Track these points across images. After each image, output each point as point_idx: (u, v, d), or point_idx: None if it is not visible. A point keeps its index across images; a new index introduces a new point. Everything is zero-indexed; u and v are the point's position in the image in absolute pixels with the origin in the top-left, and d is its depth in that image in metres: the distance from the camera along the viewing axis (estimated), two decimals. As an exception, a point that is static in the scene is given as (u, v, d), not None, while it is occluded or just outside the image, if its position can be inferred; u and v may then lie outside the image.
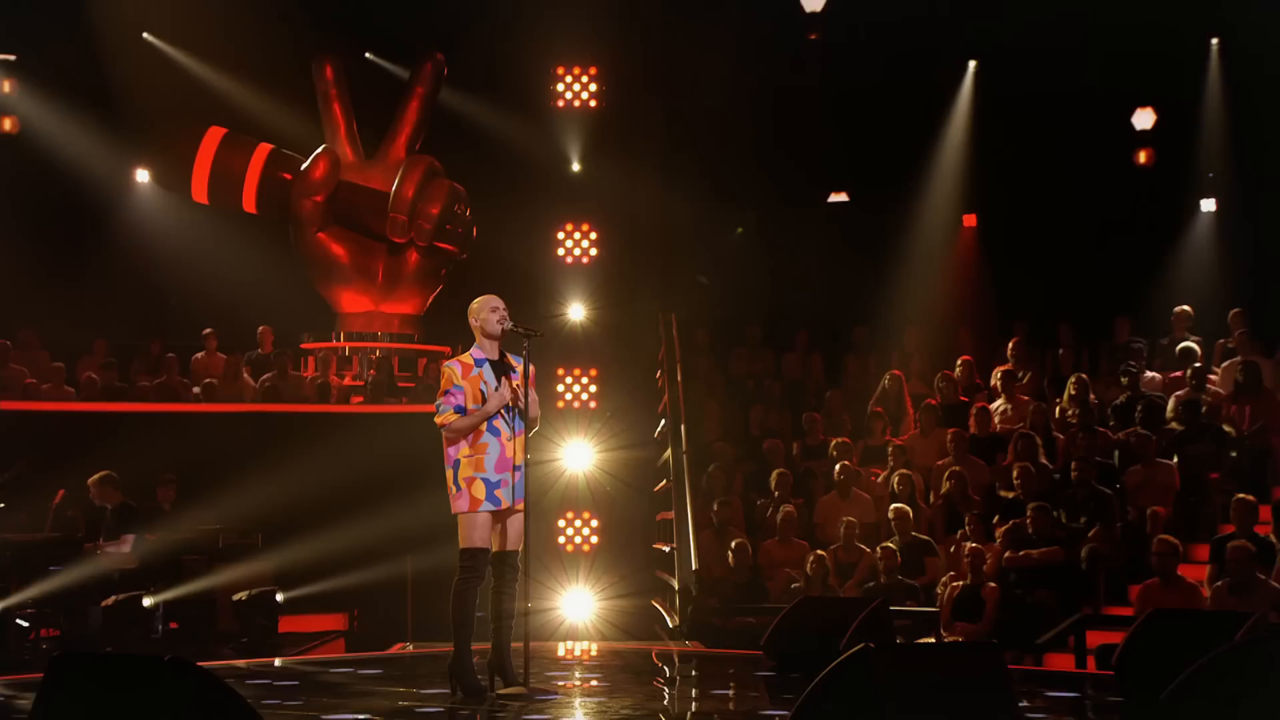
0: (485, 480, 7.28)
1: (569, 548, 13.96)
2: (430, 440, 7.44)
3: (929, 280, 15.74)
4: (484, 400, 7.33)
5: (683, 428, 12.95)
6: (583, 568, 13.73)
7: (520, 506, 7.41)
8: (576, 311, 14.59)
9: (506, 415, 7.37)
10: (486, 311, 7.46)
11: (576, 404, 14.45)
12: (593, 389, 14.56)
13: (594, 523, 14.06)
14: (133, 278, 15.95)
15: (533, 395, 7.50)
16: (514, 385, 7.39)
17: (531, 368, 7.53)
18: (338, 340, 15.99)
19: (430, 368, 15.36)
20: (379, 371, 15.05)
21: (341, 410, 14.17)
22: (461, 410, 7.31)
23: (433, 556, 9.71)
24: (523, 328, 7.46)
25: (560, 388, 14.53)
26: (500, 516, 7.41)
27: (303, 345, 16.12)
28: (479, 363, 7.42)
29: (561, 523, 14.03)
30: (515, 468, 7.35)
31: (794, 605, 8.93)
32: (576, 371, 14.54)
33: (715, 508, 12.33)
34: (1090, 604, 10.59)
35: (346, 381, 15.33)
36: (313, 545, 11.78)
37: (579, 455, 14.14)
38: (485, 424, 7.31)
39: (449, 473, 7.37)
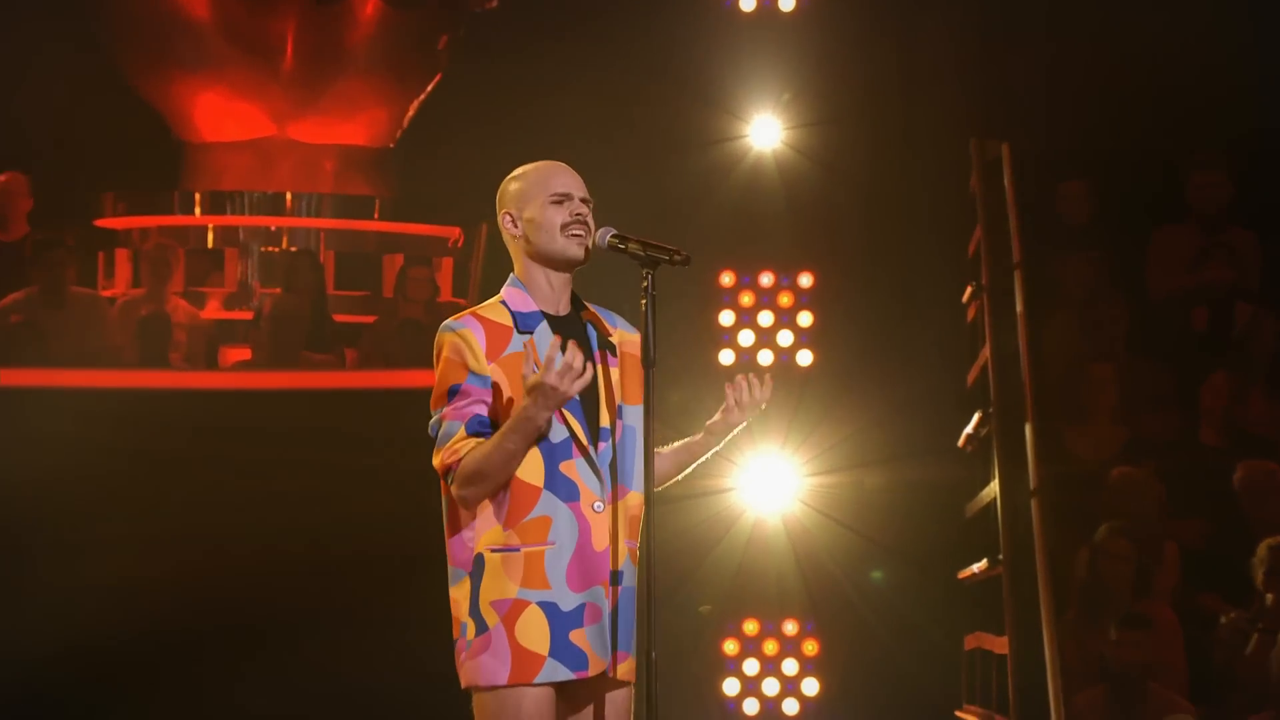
0: (547, 607, 7.49)
1: (751, 703, 15.03)
2: (428, 476, 7.55)
3: None
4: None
5: (1028, 428, 13.52)
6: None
7: (625, 675, 7.57)
8: (766, 132, 15.65)
9: (589, 435, 7.50)
10: (542, 202, 7.56)
11: (767, 356, 15.47)
12: (804, 321, 15.56)
13: (809, 645, 15.10)
14: None
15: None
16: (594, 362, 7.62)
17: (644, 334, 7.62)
18: (188, 212, 16.96)
19: (413, 281, 16.49)
20: (290, 289, 16.11)
21: (200, 385, 15.49)
22: (486, 430, 7.43)
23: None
24: (642, 242, 7.43)
25: (727, 318, 15.53)
26: (585, 693, 7.61)
27: (99, 222, 17.22)
28: (524, 321, 7.58)
29: (730, 646, 15.08)
30: (616, 576, 7.54)
31: None
32: (767, 279, 15.58)
33: (1114, 633, 12.88)
34: None
35: (209, 313, 16.32)
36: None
37: (773, 482, 15.13)
38: (543, 462, 7.44)
39: (455, 592, 7.57)
